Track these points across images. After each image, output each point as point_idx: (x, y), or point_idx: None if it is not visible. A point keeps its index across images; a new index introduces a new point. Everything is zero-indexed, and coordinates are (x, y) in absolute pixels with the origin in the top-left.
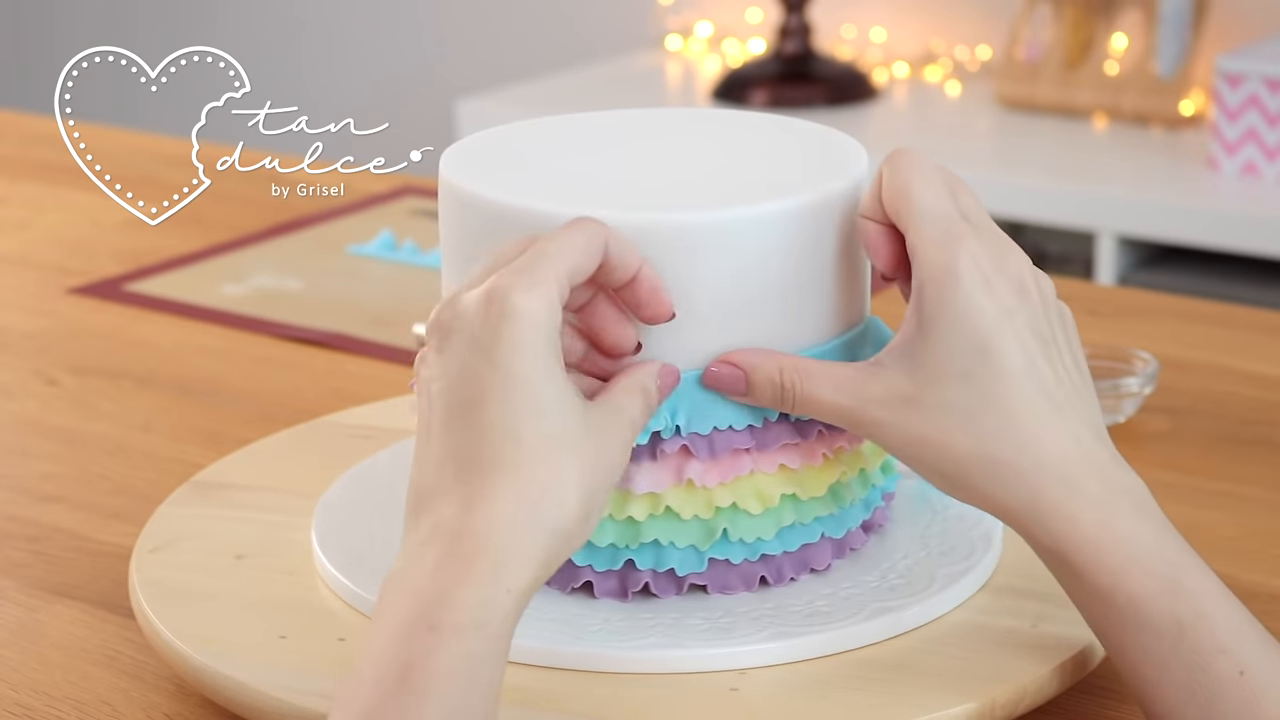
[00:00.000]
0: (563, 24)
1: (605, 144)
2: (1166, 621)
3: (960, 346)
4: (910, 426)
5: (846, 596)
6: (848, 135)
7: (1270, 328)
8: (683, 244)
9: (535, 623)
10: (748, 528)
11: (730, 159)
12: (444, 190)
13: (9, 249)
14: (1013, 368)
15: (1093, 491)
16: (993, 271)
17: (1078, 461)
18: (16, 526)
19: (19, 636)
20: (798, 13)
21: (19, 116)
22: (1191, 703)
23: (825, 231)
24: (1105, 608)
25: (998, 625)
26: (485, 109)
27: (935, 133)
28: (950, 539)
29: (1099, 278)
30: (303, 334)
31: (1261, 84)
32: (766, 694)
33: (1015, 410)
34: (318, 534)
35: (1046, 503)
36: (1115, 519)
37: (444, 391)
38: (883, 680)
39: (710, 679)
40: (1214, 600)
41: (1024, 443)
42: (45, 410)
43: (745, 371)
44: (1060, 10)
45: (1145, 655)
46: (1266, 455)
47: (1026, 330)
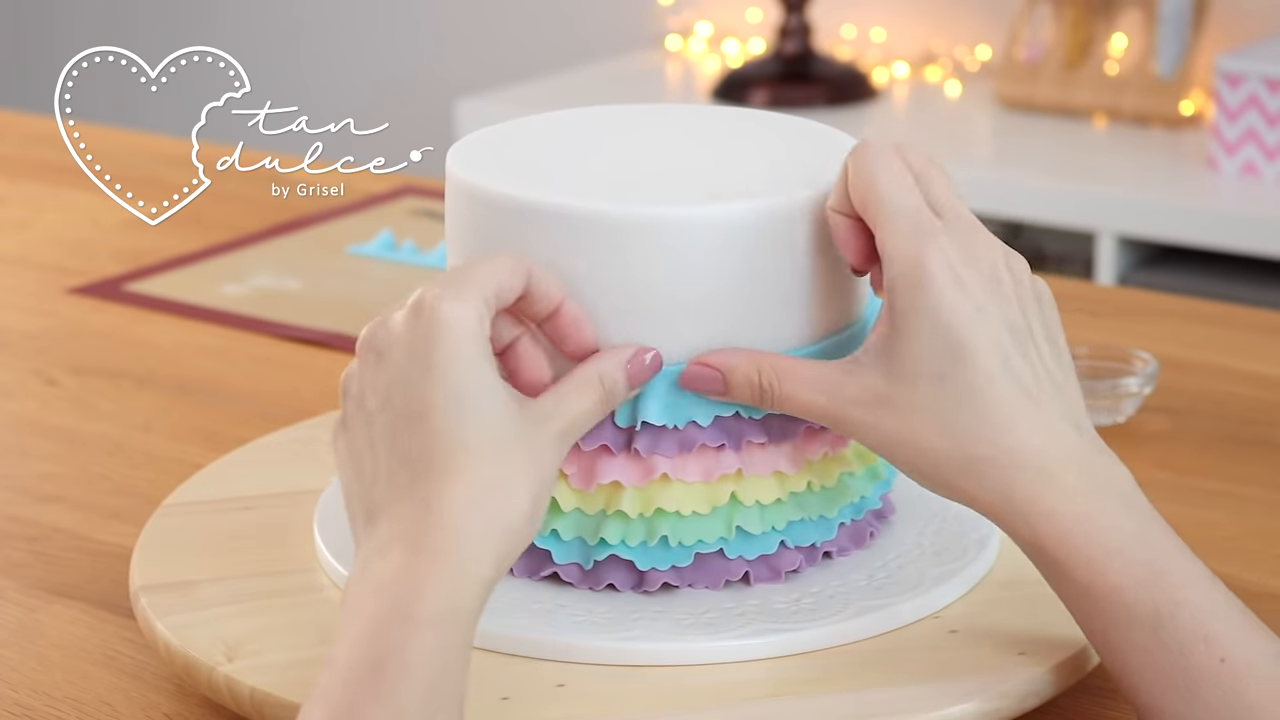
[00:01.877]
0: (562, 24)
1: (609, 138)
2: (1146, 611)
3: (933, 347)
4: (886, 426)
5: (833, 594)
6: (845, 133)
7: (1270, 328)
8: (671, 238)
9: (523, 612)
10: (741, 521)
11: (729, 154)
12: (450, 185)
13: (9, 249)
14: (987, 367)
15: (1071, 484)
16: (963, 267)
17: (1055, 455)
18: (16, 526)
19: (19, 636)
20: (798, 13)
21: (19, 116)
22: (1173, 691)
23: (814, 228)
24: (1086, 600)
25: (994, 625)
26: (485, 109)
27: (935, 133)
28: (945, 539)
29: (1099, 278)
30: (303, 334)
31: (1261, 84)
32: (752, 690)
33: (989, 408)
34: (319, 528)
35: (1023, 498)
36: (1095, 511)
37: (385, 406)
38: (877, 679)
39: (695, 672)
40: (1196, 588)
41: (999, 439)
42: (45, 410)
43: (723, 372)
44: (1060, 10)
45: (1128, 646)
46: (1266, 455)
47: (1000, 326)
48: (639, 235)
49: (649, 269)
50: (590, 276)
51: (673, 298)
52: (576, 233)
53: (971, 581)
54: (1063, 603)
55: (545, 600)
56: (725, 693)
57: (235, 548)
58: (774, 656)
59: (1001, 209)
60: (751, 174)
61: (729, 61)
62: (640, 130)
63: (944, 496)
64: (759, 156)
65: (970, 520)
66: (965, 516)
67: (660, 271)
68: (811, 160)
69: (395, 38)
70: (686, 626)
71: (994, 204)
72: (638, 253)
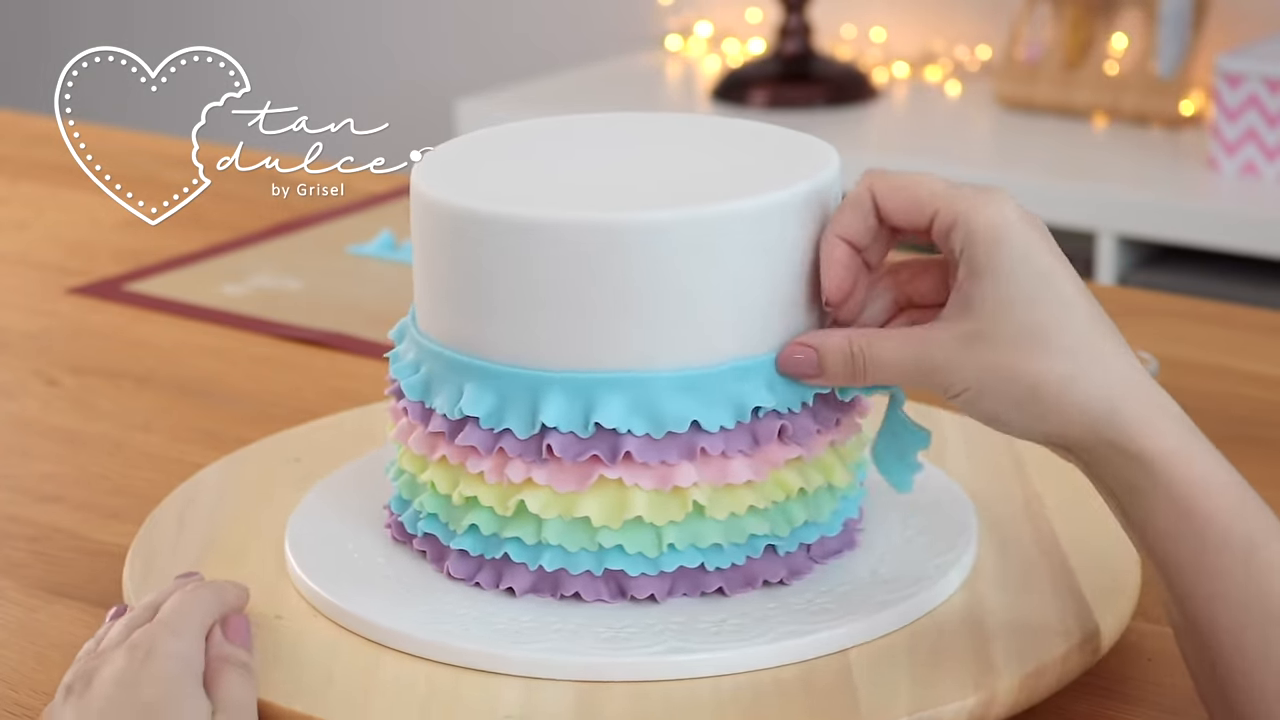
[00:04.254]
0: (563, 24)
1: (572, 148)
2: (1240, 539)
3: (1023, 275)
4: (981, 358)
5: (843, 594)
6: (818, 138)
7: (1270, 328)
8: (636, 243)
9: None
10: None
11: (694, 164)
12: (413, 197)
13: (9, 249)
14: (1073, 294)
15: (1166, 407)
16: (1024, 219)
17: (1141, 382)
18: (16, 526)
19: (19, 636)
20: (798, 13)
21: (19, 116)
22: (1255, 623)
23: (788, 234)
24: (1184, 521)
25: (992, 619)
26: (485, 109)
27: (935, 133)
28: (926, 538)
29: (1099, 278)
30: (303, 334)
31: (1261, 84)
32: (756, 696)
33: (1084, 330)
34: (291, 546)
35: (1129, 412)
36: (1189, 434)
37: None
38: (879, 677)
39: (707, 684)
40: (1274, 518)
41: (1098, 357)
42: (45, 410)
43: (816, 348)
44: (1060, 10)
45: (1217, 572)
46: (1266, 455)
47: (1068, 269)
48: (594, 239)
49: (612, 275)
50: (549, 283)
51: (632, 301)
52: (530, 240)
53: (964, 574)
54: (1141, 525)
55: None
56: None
57: (233, 548)
58: (792, 662)
59: None
60: (706, 182)
61: (729, 61)
62: (605, 139)
63: (1026, 430)
64: (715, 164)
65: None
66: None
67: (616, 278)
68: (774, 165)
69: (395, 38)
70: (712, 635)
71: None
72: (598, 259)
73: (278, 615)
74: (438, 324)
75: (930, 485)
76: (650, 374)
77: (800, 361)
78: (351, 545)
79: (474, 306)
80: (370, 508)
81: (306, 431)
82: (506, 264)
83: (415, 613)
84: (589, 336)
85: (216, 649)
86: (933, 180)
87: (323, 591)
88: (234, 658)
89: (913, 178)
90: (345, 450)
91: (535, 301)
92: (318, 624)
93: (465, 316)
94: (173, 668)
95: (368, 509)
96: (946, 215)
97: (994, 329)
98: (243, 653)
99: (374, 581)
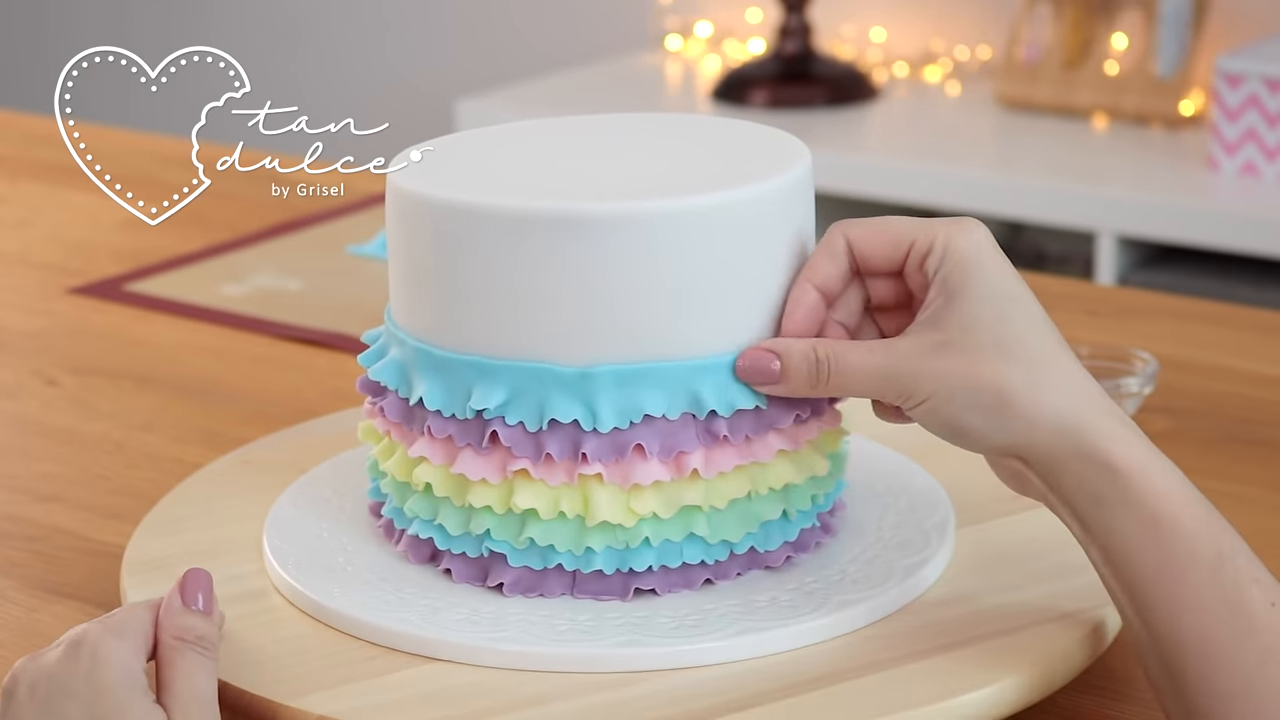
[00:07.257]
0: (562, 24)
1: (547, 145)
2: (1208, 551)
3: (993, 297)
4: (949, 365)
5: (809, 591)
6: (791, 135)
7: (1270, 328)
8: (608, 234)
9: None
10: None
11: (665, 159)
12: (387, 189)
13: (9, 249)
14: (1039, 315)
15: (1127, 422)
16: (1000, 255)
17: (1103, 398)
18: (16, 526)
19: (19, 636)
20: (798, 13)
21: (19, 116)
22: (1223, 633)
23: (760, 228)
24: (1153, 530)
25: (981, 615)
26: (485, 109)
27: (935, 133)
28: (904, 532)
29: (1099, 278)
30: (303, 334)
31: (1261, 84)
32: (736, 691)
33: (1050, 347)
34: (270, 543)
35: (1096, 423)
36: (1152, 450)
37: None
38: (863, 677)
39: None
40: (1238, 536)
41: (1063, 371)
42: (45, 410)
43: (779, 353)
44: (1060, 10)
45: (1183, 584)
46: (1266, 455)
47: (1032, 296)
48: (559, 229)
49: (588, 267)
50: (531, 272)
51: (602, 294)
52: (507, 230)
53: (939, 570)
54: (1112, 537)
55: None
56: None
57: (231, 548)
58: (758, 656)
59: (1001, 209)
60: (674, 177)
61: (729, 61)
62: (581, 137)
63: (993, 440)
64: (685, 161)
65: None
66: (919, 506)
67: (598, 271)
68: (744, 161)
69: (395, 38)
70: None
71: (994, 204)
72: (579, 250)
73: (271, 613)
74: (412, 317)
75: (912, 477)
76: (628, 367)
77: (759, 366)
78: (333, 541)
79: (448, 297)
80: (359, 505)
81: (306, 431)
82: (477, 254)
83: (409, 612)
84: (534, 328)
85: (171, 619)
86: (902, 218)
87: (304, 589)
88: (190, 631)
89: (883, 218)
90: (345, 450)
91: (503, 291)
92: (301, 620)
93: (440, 308)
94: (113, 675)
95: (348, 505)
96: (924, 242)
97: (963, 339)
98: (200, 621)
99: (366, 580)
